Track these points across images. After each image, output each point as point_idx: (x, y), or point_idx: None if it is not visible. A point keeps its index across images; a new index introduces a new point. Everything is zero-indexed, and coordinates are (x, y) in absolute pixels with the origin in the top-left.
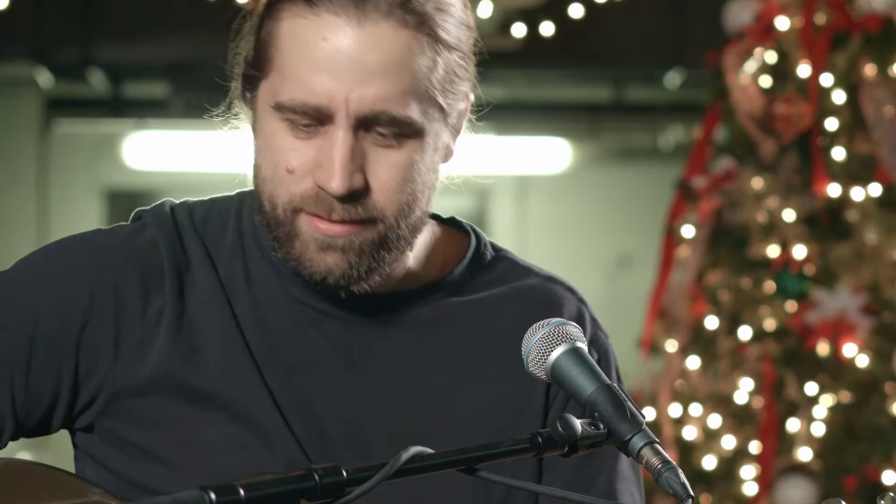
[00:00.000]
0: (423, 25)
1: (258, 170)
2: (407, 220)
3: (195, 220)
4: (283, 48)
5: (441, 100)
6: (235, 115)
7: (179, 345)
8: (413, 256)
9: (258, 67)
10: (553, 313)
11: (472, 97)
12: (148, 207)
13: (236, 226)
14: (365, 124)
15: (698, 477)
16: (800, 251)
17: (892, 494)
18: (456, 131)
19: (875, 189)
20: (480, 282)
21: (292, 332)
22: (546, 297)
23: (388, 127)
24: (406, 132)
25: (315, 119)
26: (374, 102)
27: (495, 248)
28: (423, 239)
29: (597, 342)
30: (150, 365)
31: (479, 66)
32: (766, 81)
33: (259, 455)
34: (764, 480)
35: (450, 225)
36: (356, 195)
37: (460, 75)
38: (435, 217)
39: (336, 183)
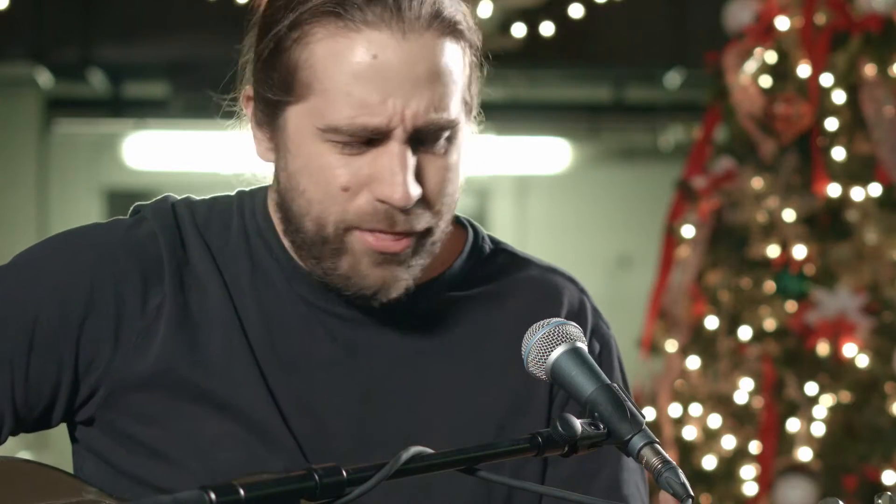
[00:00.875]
0: (455, 32)
1: (300, 193)
2: (447, 224)
3: (196, 216)
4: (323, 70)
5: (469, 99)
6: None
7: (180, 340)
8: None
9: (286, 92)
10: (554, 304)
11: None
12: (147, 202)
13: (240, 224)
14: (418, 134)
15: (698, 477)
16: (800, 251)
17: (889, 494)
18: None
19: (875, 189)
20: (480, 275)
21: (296, 331)
22: (547, 287)
23: (438, 133)
24: (451, 136)
25: (368, 138)
26: (427, 112)
27: (494, 242)
28: None
29: (598, 332)
30: (151, 359)
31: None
32: (766, 81)
33: (258, 453)
34: (764, 480)
35: None
36: (416, 205)
37: (477, 74)
38: None
39: (400, 195)
